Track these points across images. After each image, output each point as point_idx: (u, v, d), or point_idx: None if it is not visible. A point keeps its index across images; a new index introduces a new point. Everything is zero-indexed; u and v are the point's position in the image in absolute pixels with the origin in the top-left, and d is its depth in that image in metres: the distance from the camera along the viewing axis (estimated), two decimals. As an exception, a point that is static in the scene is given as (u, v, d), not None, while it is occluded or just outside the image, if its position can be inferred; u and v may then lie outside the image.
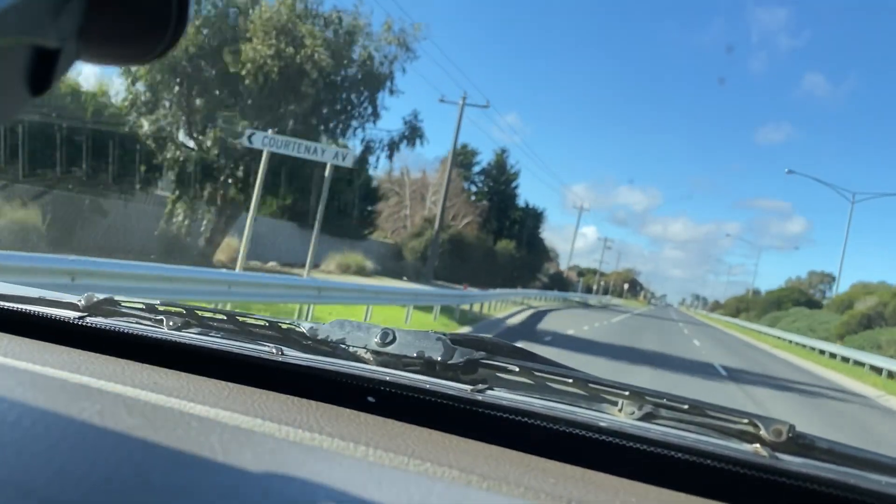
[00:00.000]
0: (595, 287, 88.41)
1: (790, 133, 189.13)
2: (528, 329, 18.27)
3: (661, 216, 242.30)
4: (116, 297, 1.21)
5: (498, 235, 45.56)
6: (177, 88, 15.66)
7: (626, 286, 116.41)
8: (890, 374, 20.74)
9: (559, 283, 56.94)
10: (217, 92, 15.90)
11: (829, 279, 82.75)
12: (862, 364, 23.54)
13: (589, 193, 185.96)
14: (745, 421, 0.82)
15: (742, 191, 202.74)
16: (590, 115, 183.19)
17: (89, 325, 1.09)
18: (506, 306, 24.99)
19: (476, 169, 49.56)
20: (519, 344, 1.09)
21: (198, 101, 16.02)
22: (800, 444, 0.79)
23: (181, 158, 15.97)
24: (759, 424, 0.81)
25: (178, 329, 1.11)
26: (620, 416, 0.89)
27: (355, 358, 1.02)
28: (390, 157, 19.46)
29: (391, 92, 17.99)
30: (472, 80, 65.67)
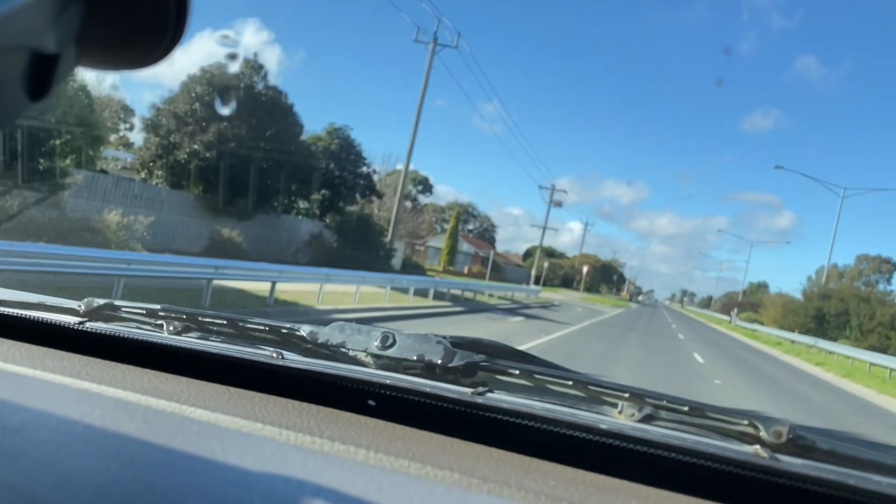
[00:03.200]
0: (535, 272, 53.90)
1: (780, 123, 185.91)
2: None
3: (647, 210, 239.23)
4: (116, 302, 1.21)
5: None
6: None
7: (585, 270, 68.56)
8: None
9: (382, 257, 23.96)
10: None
11: (891, 266, 63.52)
12: None
13: (573, 187, 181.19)
14: (746, 422, 0.82)
15: (729, 184, 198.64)
16: (571, 105, 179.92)
17: (89, 330, 1.09)
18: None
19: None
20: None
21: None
22: (800, 445, 0.79)
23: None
24: (760, 426, 0.80)
25: (179, 333, 1.11)
26: (620, 418, 0.89)
27: (355, 361, 1.02)
28: None
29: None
30: (455, 66, 61.29)
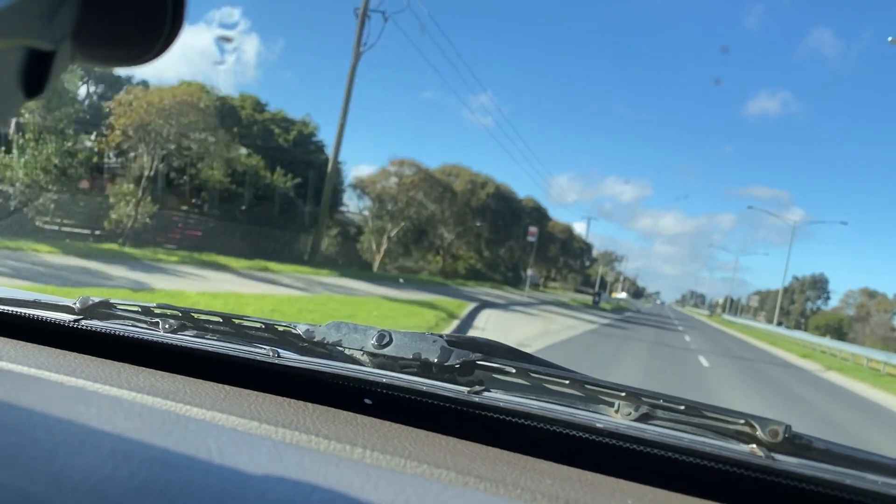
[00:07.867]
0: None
1: (788, 111, 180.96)
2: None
3: (650, 209, 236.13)
4: (112, 300, 1.21)
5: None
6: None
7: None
8: None
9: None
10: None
11: None
12: None
13: (573, 185, 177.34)
14: (742, 422, 0.82)
15: (735, 178, 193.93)
16: (568, 98, 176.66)
17: (85, 328, 1.09)
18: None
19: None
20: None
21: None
22: (796, 444, 0.79)
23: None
24: (756, 425, 0.81)
25: (174, 332, 1.11)
26: (617, 417, 0.89)
27: (352, 360, 1.02)
28: None
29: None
30: (444, 52, 60.34)
